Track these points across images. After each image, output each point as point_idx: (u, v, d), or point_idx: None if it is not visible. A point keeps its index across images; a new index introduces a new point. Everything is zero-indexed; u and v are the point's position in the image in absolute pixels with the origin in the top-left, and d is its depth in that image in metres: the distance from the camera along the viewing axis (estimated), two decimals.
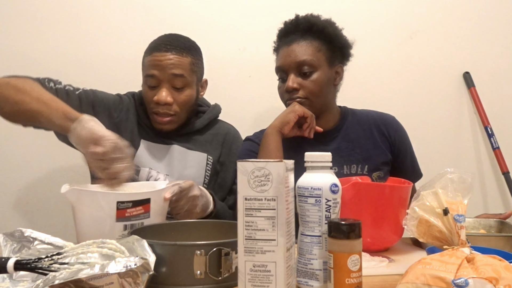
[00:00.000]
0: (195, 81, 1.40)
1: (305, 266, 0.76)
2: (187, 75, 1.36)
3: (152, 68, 1.34)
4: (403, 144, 1.45)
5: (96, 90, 1.41)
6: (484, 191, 1.98)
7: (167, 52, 1.34)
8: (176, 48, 1.35)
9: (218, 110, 1.55)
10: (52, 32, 1.74)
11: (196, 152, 1.43)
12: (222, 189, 1.46)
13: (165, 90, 1.34)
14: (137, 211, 0.96)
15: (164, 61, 1.33)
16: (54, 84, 1.31)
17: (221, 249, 0.76)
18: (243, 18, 1.86)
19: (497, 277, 0.62)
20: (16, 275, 0.77)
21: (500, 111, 1.99)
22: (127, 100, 1.44)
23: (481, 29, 1.99)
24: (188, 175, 1.38)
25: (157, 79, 1.34)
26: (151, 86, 1.36)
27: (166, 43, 1.35)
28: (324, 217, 0.75)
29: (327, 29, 1.38)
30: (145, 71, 1.37)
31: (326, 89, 1.39)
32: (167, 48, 1.34)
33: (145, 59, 1.38)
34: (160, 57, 1.33)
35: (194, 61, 1.39)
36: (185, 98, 1.37)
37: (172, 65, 1.33)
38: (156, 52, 1.34)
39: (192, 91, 1.40)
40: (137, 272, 0.66)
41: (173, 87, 1.35)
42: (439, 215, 0.78)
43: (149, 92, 1.37)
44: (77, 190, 0.94)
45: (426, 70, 1.97)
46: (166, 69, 1.33)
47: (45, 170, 1.70)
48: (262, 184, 0.68)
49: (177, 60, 1.34)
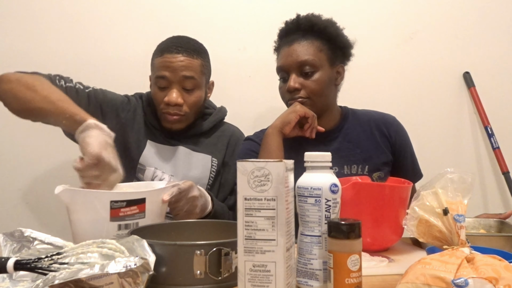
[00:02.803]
0: (204, 83, 1.43)
1: (305, 266, 0.76)
2: (197, 77, 1.38)
3: (163, 69, 1.35)
4: (403, 144, 1.45)
5: (105, 90, 1.42)
6: (484, 191, 1.98)
7: (178, 54, 1.35)
8: (187, 50, 1.36)
9: (224, 112, 1.57)
10: (53, 33, 1.74)
11: (201, 154, 1.45)
12: (223, 189, 1.48)
13: (176, 92, 1.36)
14: (131, 210, 0.95)
15: (175, 62, 1.34)
16: (64, 82, 1.31)
17: (221, 249, 0.76)
18: (243, 18, 1.86)
19: (497, 277, 0.62)
20: (16, 275, 0.77)
21: (500, 111, 1.98)
22: (134, 101, 1.46)
23: (481, 29, 1.99)
24: (193, 176, 1.40)
25: (168, 80, 1.36)
26: (162, 87, 1.38)
27: (177, 45, 1.37)
28: (324, 217, 0.75)
29: (328, 29, 1.38)
30: (156, 72, 1.38)
31: (328, 89, 1.39)
32: (178, 50, 1.35)
33: (155, 61, 1.39)
34: (171, 58, 1.35)
35: (204, 63, 1.41)
36: (195, 99, 1.39)
37: (183, 67, 1.35)
38: (167, 54, 1.35)
39: (201, 92, 1.42)
40: (137, 272, 0.66)
41: (184, 88, 1.37)
42: (439, 215, 0.78)
43: (160, 93, 1.38)
44: (70, 191, 0.94)
45: (426, 70, 1.96)
46: (177, 70, 1.34)
47: (45, 170, 1.70)
48: (262, 184, 0.68)
49: (188, 62, 1.36)
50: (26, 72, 1.22)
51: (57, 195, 0.93)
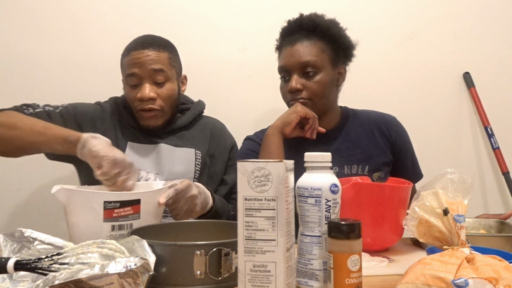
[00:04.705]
0: (175, 76, 1.42)
1: (305, 266, 0.76)
2: (167, 69, 1.37)
3: (131, 66, 1.35)
4: (403, 145, 1.45)
5: (75, 104, 1.42)
6: (484, 191, 1.98)
7: (144, 49, 1.35)
8: (153, 45, 1.37)
9: (202, 106, 1.56)
10: (53, 33, 1.73)
11: (183, 149, 1.44)
12: (213, 181, 1.48)
13: (148, 86, 1.35)
14: (125, 211, 0.95)
15: (142, 58, 1.34)
16: (33, 109, 1.32)
17: (221, 249, 0.76)
18: (243, 18, 1.86)
19: (497, 277, 0.62)
20: (16, 275, 0.77)
21: (500, 111, 1.99)
22: (108, 107, 1.45)
23: (481, 29, 1.99)
24: (178, 171, 1.39)
25: (138, 77, 1.35)
26: (133, 85, 1.37)
27: (143, 42, 1.37)
28: (324, 217, 0.75)
29: (331, 29, 1.38)
30: (125, 71, 1.38)
31: (329, 90, 1.38)
32: (144, 45, 1.36)
33: (124, 60, 1.39)
34: (138, 54, 1.35)
35: (171, 56, 1.40)
36: (167, 92, 1.38)
37: (151, 60, 1.34)
38: (134, 51, 1.36)
39: (173, 85, 1.41)
40: (137, 272, 0.66)
41: (155, 82, 1.36)
42: (439, 215, 0.78)
43: (132, 91, 1.38)
44: (66, 190, 0.94)
45: (426, 70, 1.96)
46: (145, 65, 1.34)
47: (45, 170, 1.69)
48: (262, 184, 0.68)
49: (156, 55, 1.35)
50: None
51: (53, 195, 0.93)
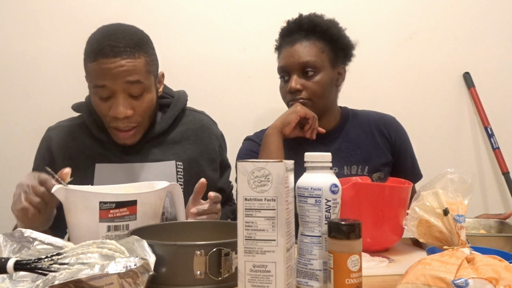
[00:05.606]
0: (153, 82, 1.21)
1: (305, 267, 0.76)
2: (144, 78, 1.16)
3: (101, 78, 1.13)
4: (403, 145, 1.45)
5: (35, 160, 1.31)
6: (484, 191, 1.98)
7: (115, 57, 1.11)
8: (126, 49, 1.12)
9: (184, 99, 1.34)
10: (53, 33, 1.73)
11: (162, 163, 1.26)
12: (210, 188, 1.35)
13: (122, 102, 1.14)
14: (121, 212, 0.94)
15: (114, 69, 1.11)
16: None
17: (221, 249, 0.75)
18: (243, 18, 1.86)
19: (497, 278, 0.62)
20: (16, 275, 0.77)
21: (500, 111, 1.98)
22: (64, 131, 1.27)
23: (481, 29, 1.99)
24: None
25: (109, 89, 1.14)
26: (103, 98, 1.16)
27: (113, 45, 1.12)
28: (324, 217, 0.75)
29: (331, 30, 1.38)
30: (93, 80, 1.15)
31: (329, 90, 1.38)
32: (114, 52, 1.11)
33: (89, 66, 1.14)
34: (108, 64, 1.11)
35: (148, 60, 1.18)
36: (146, 105, 1.18)
37: (126, 72, 1.12)
38: (102, 58, 1.11)
39: (152, 94, 1.21)
40: (137, 272, 0.66)
41: (130, 95, 1.16)
42: (439, 215, 0.78)
43: (102, 104, 1.16)
44: (64, 189, 0.95)
45: (426, 70, 1.96)
46: (118, 77, 1.12)
47: None
48: (262, 184, 0.68)
49: (130, 65, 1.12)
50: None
51: (53, 193, 0.94)
